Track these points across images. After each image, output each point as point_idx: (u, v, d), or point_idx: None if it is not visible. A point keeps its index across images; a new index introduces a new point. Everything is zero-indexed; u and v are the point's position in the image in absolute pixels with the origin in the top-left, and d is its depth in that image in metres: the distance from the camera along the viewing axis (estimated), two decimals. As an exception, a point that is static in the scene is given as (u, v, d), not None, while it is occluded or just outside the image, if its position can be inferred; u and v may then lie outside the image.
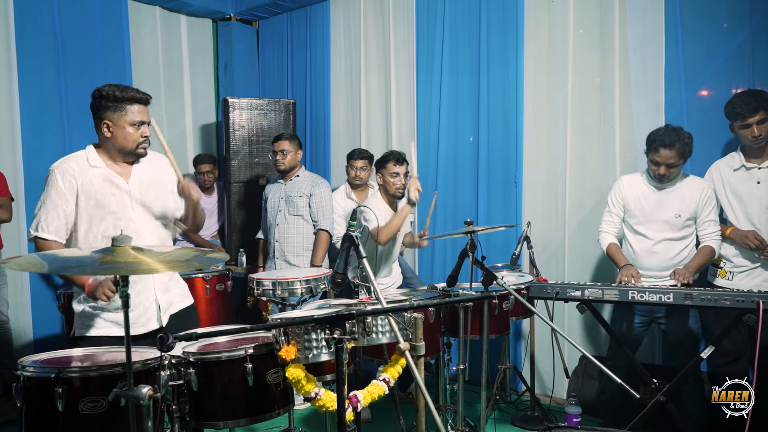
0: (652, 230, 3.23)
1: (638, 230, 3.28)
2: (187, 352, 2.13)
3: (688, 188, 3.19)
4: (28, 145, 4.33)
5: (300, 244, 4.18)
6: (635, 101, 3.73)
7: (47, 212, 2.38)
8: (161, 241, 2.58)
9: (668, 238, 3.20)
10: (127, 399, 1.70)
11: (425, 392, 2.03)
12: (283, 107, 5.09)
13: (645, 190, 3.27)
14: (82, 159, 2.45)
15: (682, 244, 3.21)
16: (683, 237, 3.21)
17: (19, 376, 1.88)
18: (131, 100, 2.41)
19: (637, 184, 3.30)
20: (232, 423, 2.13)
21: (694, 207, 3.16)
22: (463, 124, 4.47)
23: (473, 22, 4.37)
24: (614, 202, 3.35)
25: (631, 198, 3.29)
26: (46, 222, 2.38)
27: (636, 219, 3.28)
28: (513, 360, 4.20)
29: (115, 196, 2.44)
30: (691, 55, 3.55)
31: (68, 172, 2.40)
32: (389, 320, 2.09)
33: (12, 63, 4.28)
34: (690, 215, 3.17)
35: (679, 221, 3.17)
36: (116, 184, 2.46)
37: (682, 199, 3.18)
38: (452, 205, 4.54)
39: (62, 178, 2.39)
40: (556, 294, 2.93)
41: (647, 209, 3.24)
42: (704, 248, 3.15)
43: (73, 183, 2.39)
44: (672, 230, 3.19)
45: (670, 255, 3.20)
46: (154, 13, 5.29)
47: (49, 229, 2.38)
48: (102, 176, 2.44)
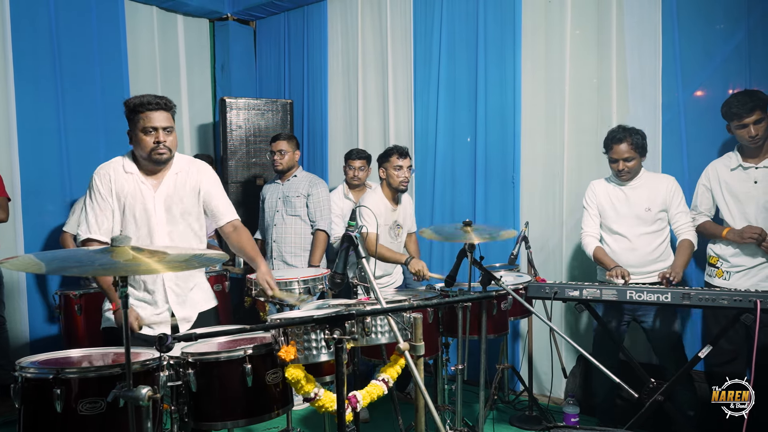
0: (627, 226, 3.32)
1: (614, 229, 3.36)
2: (186, 352, 2.12)
3: (653, 183, 3.32)
4: (24, 146, 4.32)
5: (298, 245, 4.18)
6: (632, 102, 3.74)
7: (96, 214, 2.49)
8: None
9: (644, 233, 3.29)
10: (126, 400, 1.70)
11: (425, 392, 2.03)
12: (280, 107, 5.09)
13: (612, 190, 3.39)
14: (119, 165, 2.56)
15: (658, 238, 3.31)
16: (658, 230, 3.31)
17: (17, 377, 1.87)
18: (143, 106, 2.47)
19: (604, 186, 3.43)
20: (231, 423, 2.12)
21: (661, 200, 3.27)
22: (461, 125, 4.48)
23: (470, 22, 4.37)
24: (589, 203, 3.46)
25: (603, 199, 3.41)
26: (96, 224, 2.49)
27: (610, 219, 3.37)
28: (511, 360, 4.21)
29: (142, 204, 2.52)
30: (688, 56, 3.56)
31: (105, 177, 2.52)
32: (389, 320, 2.08)
33: (8, 63, 4.27)
34: (660, 207, 3.27)
35: (651, 215, 3.27)
36: (144, 192, 2.54)
37: (648, 193, 3.29)
38: (450, 206, 4.54)
39: (101, 182, 2.51)
40: (555, 294, 2.95)
41: (618, 207, 3.34)
42: (682, 243, 3.24)
43: (110, 187, 2.51)
44: (645, 224, 3.29)
45: (649, 249, 3.29)
46: (151, 13, 5.28)
47: (101, 230, 2.49)
48: (134, 182, 2.54)
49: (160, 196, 2.57)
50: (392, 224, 3.90)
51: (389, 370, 2.26)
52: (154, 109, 2.48)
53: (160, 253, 1.78)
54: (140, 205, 2.53)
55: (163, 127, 2.50)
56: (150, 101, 2.48)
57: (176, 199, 2.60)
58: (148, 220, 2.53)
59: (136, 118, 2.47)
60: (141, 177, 2.55)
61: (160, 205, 2.56)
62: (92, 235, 2.48)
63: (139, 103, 2.47)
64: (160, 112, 2.49)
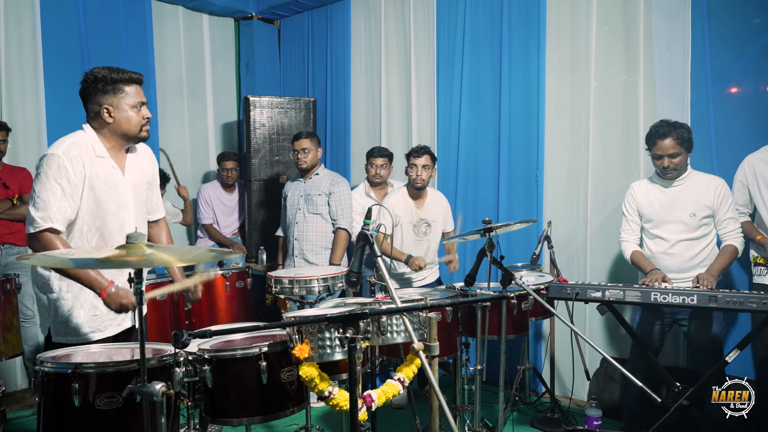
0: (668, 231, 3.15)
1: (655, 233, 3.21)
2: (203, 349, 2.14)
3: (700, 185, 3.10)
4: (53, 143, 4.40)
5: (319, 243, 4.19)
6: (660, 99, 3.65)
7: (58, 201, 2.18)
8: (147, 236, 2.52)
9: (686, 239, 3.12)
10: (140, 395, 1.72)
11: (439, 393, 2.01)
12: (303, 105, 5.10)
13: (655, 191, 3.20)
14: (88, 147, 2.27)
15: (701, 244, 3.12)
16: (701, 236, 3.12)
17: (37, 371, 1.90)
18: (128, 80, 2.29)
19: (647, 188, 3.24)
20: (246, 420, 2.14)
21: (709, 205, 3.08)
22: (484, 123, 4.43)
23: (494, 18, 4.32)
24: (629, 209, 3.29)
25: (643, 202, 3.23)
26: (59, 211, 2.18)
27: (651, 223, 3.21)
28: (533, 361, 4.15)
29: (113, 190, 2.32)
30: (718, 51, 3.46)
31: (77, 161, 2.22)
32: (403, 320, 2.07)
33: (38, 62, 4.36)
34: (706, 213, 3.08)
35: (695, 220, 3.09)
36: (115, 177, 2.33)
37: (695, 197, 3.09)
38: (472, 204, 4.50)
39: (72, 167, 2.20)
40: (576, 295, 2.88)
41: (660, 210, 3.16)
42: (726, 248, 3.07)
43: (82, 173, 2.23)
44: (689, 230, 3.11)
45: (689, 255, 3.13)
46: (177, 13, 5.35)
47: (63, 219, 2.20)
48: (106, 167, 2.30)
49: (128, 182, 2.37)
50: (416, 222, 3.90)
51: (405, 369, 2.25)
52: (138, 83, 2.32)
53: (174, 249, 1.80)
54: (111, 193, 2.30)
55: (146, 102, 2.35)
56: (137, 75, 2.30)
57: (140, 185, 2.43)
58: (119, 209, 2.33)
59: (120, 91, 2.27)
60: (112, 162, 2.32)
61: (129, 193, 2.36)
62: (55, 224, 2.16)
63: (125, 78, 2.27)
64: (141, 87, 2.34)
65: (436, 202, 4.00)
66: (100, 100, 2.28)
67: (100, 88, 2.27)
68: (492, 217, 4.08)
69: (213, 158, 5.61)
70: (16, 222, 3.99)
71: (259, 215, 5.04)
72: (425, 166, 3.81)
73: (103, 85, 2.26)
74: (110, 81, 2.26)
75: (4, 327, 3.24)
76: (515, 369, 3.77)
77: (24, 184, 4.03)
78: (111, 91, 2.27)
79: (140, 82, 2.35)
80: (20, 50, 4.31)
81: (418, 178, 3.81)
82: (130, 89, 2.30)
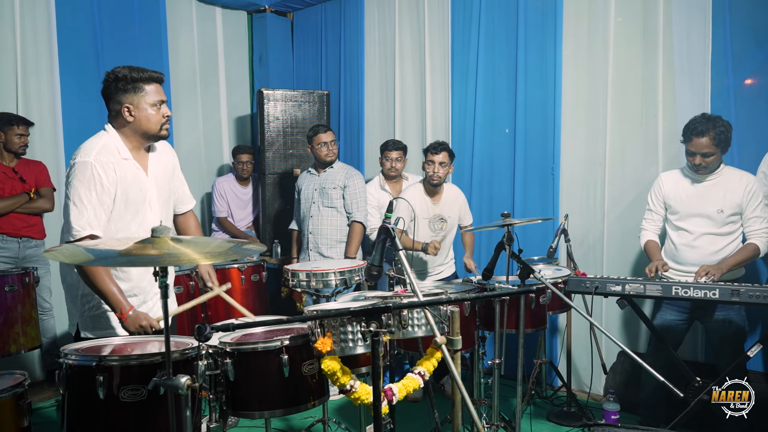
0: (693, 225, 3.11)
1: (679, 225, 3.17)
2: (224, 342, 2.14)
3: (731, 181, 3.05)
4: (69, 137, 4.42)
5: (334, 236, 4.18)
6: (679, 90, 3.61)
7: (95, 208, 2.24)
8: None
9: (711, 233, 3.08)
10: (165, 388, 1.72)
11: (462, 387, 2.00)
12: (317, 98, 5.09)
13: (684, 183, 3.15)
14: (114, 150, 2.31)
15: (726, 240, 3.07)
16: (728, 233, 3.07)
17: (61, 363, 1.91)
18: (148, 79, 2.31)
19: (676, 179, 3.19)
20: (268, 413, 2.14)
21: (738, 201, 3.02)
22: (500, 115, 4.40)
23: (510, 8, 4.28)
24: (654, 200, 3.26)
25: (671, 194, 3.18)
26: (96, 218, 2.24)
27: (677, 215, 3.17)
28: (549, 355, 4.13)
29: (139, 191, 2.36)
30: (739, 42, 3.41)
31: (109, 167, 2.27)
32: (425, 313, 2.06)
33: (53, 57, 4.38)
34: (734, 210, 3.03)
35: (722, 216, 3.04)
36: (140, 178, 2.38)
37: (724, 193, 3.04)
38: (488, 197, 4.48)
39: (105, 173, 2.26)
40: (596, 288, 2.86)
41: (687, 203, 3.12)
42: (748, 246, 3.02)
43: (114, 178, 2.28)
44: (715, 226, 3.07)
45: (712, 250, 3.08)
46: (190, 6, 5.35)
47: (100, 224, 2.26)
48: (131, 169, 2.35)
49: (152, 180, 2.40)
50: (432, 217, 3.89)
51: (425, 363, 2.24)
52: (160, 82, 2.34)
53: (199, 243, 1.80)
54: (138, 194, 2.34)
55: (165, 100, 2.37)
56: (157, 74, 2.32)
57: (162, 182, 2.46)
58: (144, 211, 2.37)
59: (141, 90, 2.29)
60: (135, 163, 2.36)
61: (153, 192, 2.40)
62: (95, 231, 2.23)
63: (145, 77, 2.29)
64: (161, 86, 2.36)
65: (452, 198, 3.98)
66: (121, 99, 2.31)
67: (120, 87, 2.30)
68: (508, 209, 4.07)
69: (226, 152, 5.62)
70: (34, 215, 4.02)
71: (273, 209, 5.05)
72: (442, 163, 3.78)
73: (124, 84, 2.29)
74: (131, 80, 2.29)
75: (23, 320, 3.26)
76: (531, 363, 3.76)
77: (40, 177, 4.05)
78: (131, 90, 2.30)
79: (161, 81, 2.37)
80: (36, 45, 4.32)
81: (435, 175, 3.79)
82: (150, 88, 2.32)
